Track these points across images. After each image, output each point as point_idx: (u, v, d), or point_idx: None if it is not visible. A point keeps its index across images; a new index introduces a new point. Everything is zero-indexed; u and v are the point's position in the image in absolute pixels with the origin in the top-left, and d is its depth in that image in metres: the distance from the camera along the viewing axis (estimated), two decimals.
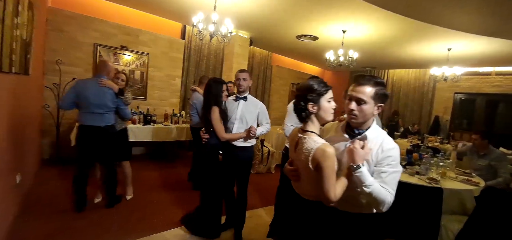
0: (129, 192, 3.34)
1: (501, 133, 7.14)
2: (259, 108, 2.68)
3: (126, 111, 3.09)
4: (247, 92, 2.68)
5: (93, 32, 4.65)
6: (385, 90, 1.31)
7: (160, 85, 5.63)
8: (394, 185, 1.27)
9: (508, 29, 4.22)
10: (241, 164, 2.66)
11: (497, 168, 3.17)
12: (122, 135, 3.21)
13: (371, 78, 1.31)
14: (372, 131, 1.34)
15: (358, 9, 4.08)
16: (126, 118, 3.18)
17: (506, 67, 7.10)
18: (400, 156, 1.30)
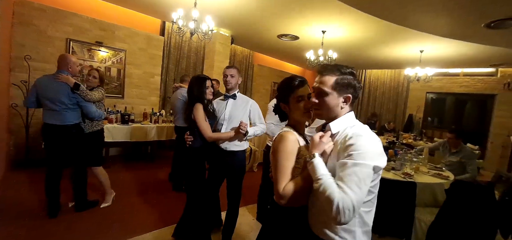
0: (106, 199, 3.10)
1: (468, 130, 7.65)
2: (250, 105, 2.43)
3: (89, 108, 2.76)
4: (236, 90, 2.46)
5: (66, 26, 4.40)
6: (349, 78, 1.07)
7: (138, 83, 5.45)
8: (353, 182, 0.90)
9: (473, 34, 4.52)
10: (231, 171, 2.43)
11: (466, 164, 3.39)
12: (92, 137, 2.92)
13: (334, 66, 1.10)
14: (339, 122, 1.09)
15: (336, 10, 4.19)
16: (91, 117, 2.83)
17: (473, 69, 7.59)
18: (372, 148, 0.97)
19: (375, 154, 0.96)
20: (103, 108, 3.01)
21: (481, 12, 3.68)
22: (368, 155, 0.94)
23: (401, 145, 3.79)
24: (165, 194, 3.61)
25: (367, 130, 1.03)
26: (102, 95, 2.90)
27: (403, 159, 3.02)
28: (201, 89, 2.28)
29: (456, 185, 2.34)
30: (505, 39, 4.65)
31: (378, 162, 0.96)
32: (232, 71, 2.40)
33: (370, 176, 0.94)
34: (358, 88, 1.10)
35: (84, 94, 2.70)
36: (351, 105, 1.12)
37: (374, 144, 0.98)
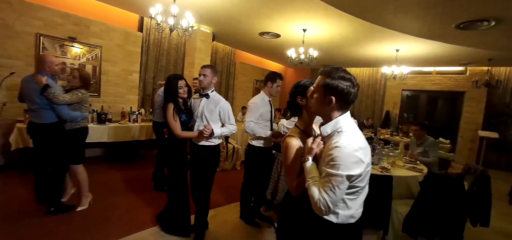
0: (83, 202, 2.96)
1: (439, 126, 8.09)
2: (219, 106, 2.48)
3: (60, 111, 2.68)
4: (210, 89, 2.51)
5: (35, 20, 4.14)
6: (338, 83, 1.12)
7: (116, 81, 5.24)
8: (328, 188, 1.07)
9: (444, 34, 4.76)
10: (200, 163, 2.50)
11: (429, 152, 3.60)
12: (73, 135, 2.85)
13: (331, 70, 1.17)
14: (329, 125, 1.18)
15: (316, 9, 4.25)
16: (63, 120, 2.75)
17: (444, 67, 8.01)
18: (347, 160, 1.07)
19: (349, 164, 1.07)
20: (84, 109, 2.89)
21: (452, 14, 3.88)
22: (342, 166, 1.06)
23: (379, 140, 3.93)
24: (146, 195, 3.51)
25: (349, 139, 1.10)
26: (77, 97, 2.74)
27: (381, 154, 3.13)
28: (174, 89, 2.43)
29: (429, 178, 2.46)
30: (473, 40, 4.94)
31: (351, 171, 1.07)
32: (205, 71, 2.45)
33: (343, 182, 1.08)
34: (348, 94, 1.14)
35: (51, 97, 2.57)
36: (340, 109, 1.18)
37: (350, 155, 1.07)
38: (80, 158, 2.93)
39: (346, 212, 1.19)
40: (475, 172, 3.07)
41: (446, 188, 2.33)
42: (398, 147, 3.81)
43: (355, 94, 1.16)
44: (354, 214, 1.22)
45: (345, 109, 1.19)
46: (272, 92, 2.87)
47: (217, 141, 2.56)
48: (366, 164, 1.13)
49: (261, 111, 2.76)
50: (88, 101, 2.98)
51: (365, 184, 1.20)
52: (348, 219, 1.20)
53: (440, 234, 2.39)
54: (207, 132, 2.33)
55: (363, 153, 1.10)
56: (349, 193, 1.16)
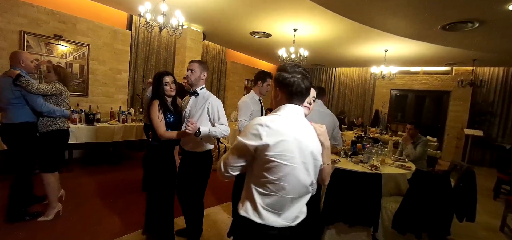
0: (48, 212, 2.67)
1: (427, 124, 8.28)
2: (208, 103, 2.21)
3: (34, 100, 2.48)
4: (199, 86, 2.27)
5: (19, 17, 4.01)
6: (278, 74, 1.17)
7: (104, 80, 5.13)
8: (229, 151, 1.20)
9: (431, 35, 4.88)
10: (190, 170, 2.29)
11: (417, 146, 3.69)
12: (48, 138, 2.61)
13: (280, 66, 1.21)
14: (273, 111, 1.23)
15: (307, 9, 4.28)
16: (39, 111, 2.54)
17: (431, 67, 8.20)
18: (251, 128, 1.10)
19: (247, 133, 1.10)
20: (64, 105, 2.70)
21: (438, 15, 3.98)
22: (242, 134, 1.12)
23: (368, 139, 3.98)
24: (134, 197, 3.45)
25: (265, 118, 1.11)
26: (55, 88, 2.58)
27: (370, 152, 3.17)
28: (159, 85, 2.23)
29: (417, 175, 2.51)
30: (458, 41, 5.08)
31: (246, 140, 1.08)
32: (193, 66, 2.24)
33: (239, 149, 1.12)
34: (289, 85, 1.14)
35: (25, 84, 2.40)
36: (287, 101, 1.16)
37: (252, 126, 1.10)
38: (53, 165, 2.66)
39: (253, 205, 1.13)
40: (461, 169, 3.16)
41: (433, 185, 2.39)
42: (387, 145, 3.87)
43: (299, 86, 1.13)
44: (267, 216, 1.12)
45: (292, 100, 1.16)
46: (262, 91, 2.85)
47: (208, 146, 2.30)
48: (266, 144, 1.05)
49: (252, 110, 2.74)
50: (68, 98, 2.77)
51: (282, 182, 1.09)
52: (256, 217, 1.12)
53: (428, 230, 2.45)
54: (190, 128, 1.99)
55: (267, 131, 1.05)
56: (259, 183, 1.11)
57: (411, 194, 2.42)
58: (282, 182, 1.08)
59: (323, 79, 10.42)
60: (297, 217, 1.17)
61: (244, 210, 1.16)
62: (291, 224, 1.15)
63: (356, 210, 2.51)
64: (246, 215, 1.15)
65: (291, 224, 1.15)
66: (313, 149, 1.15)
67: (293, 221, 1.16)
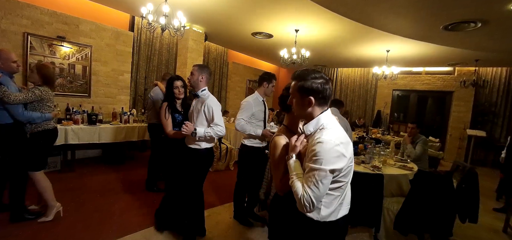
0: (47, 213, 2.65)
1: (429, 124, 8.25)
2: (204, 105, 2.32)
3: (13, 110, 2.45)
4: (201, 88, 2.38)
5: (22, 19, 4.04)
6: (312, 83, 1.17)
7: (106, 81, 5.16)
8: (312, 183, 1.09)
9: (433, 35, 4.86)
10: (188, 166, 2.41)
11: (417, 145, 3.68)
12: (33, 139, 2.57)
13: (302, 73, 1.22)
14: (311, 124, 1.21)
15: (308, 10, 4.28)
16: (19, 120, 2.50)
17: (433, 67, 8.17)
18: (329, 155, 1.09)
19: (331, 159, 1.09)
20: (46, 109, 2.59)
21: (440, 16, 3.97)
22: (324, 161, 1.09)
23: (370, 140, 3.98)
24: (136, 196, 3.46)
25: (330, 135, 1.12)
26: (34, 96, 2.47)
27: (372, 153, 3.17)
28: (169, 89, 2.56)
29: (419, 176, 2.51)
30: (460, 41, 5.06)
31: (334, 165, 1.10)
32: (192, 69, 2.37)
33: (326, 177, 1.10)
34: (323, 90, 1.17)
35: (1, 95, 2.32)
36: (319, 106, 1.20)
37: (332, 150, 1.10)
38: (38, 164, 2.61)
39: (329, 209, 1.20)
40: (463, 169, 3.14)
41: (435, 185, 2.38)
42: (389, 146, 3.87)
43: (330, 89, 1.20)
44: (338, 211, 1.23)
45: (324, 106, 1.21)
46: (267, 92, 2.88)
47: (205, 145, 2.39)
48: (348, 159, 1.15)
49: (254, 110, 2.77)
50: (51, 100, 2.65)
51: (348, 179, 1.22)
52: (330, 216, 1.20)
53: (430, 231, 2.44)
54: (185, 129, 2.21)
55: (344, 147, 1.12)
56: (333, 189, 1.17)
57: (413, 194, 2.41)
58: (347, 177, 1.22)
59: None
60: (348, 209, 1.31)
61: (321, 217, 1.22)
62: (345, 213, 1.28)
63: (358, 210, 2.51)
64: (327, 219, 1.22)
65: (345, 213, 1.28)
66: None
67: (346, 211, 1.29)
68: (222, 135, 2.34)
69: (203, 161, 2.43)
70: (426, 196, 2.36)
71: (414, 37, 5.13)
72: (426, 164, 3.71)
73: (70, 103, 4.43)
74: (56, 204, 2.70)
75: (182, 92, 2.57)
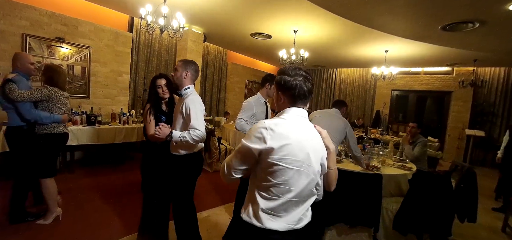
0: (47, 217, 2.63)
1: (428, 125, 8.27)
2: (183, 105, 2.02)
3: (21, 108, 2.46)
4: (184, 86, 2.08)
5: (21, 20, 4.04)
6: (279, 78, 1.17)
7: (105, 82, 5.16)
8: (232, 153, 1.21)
9: (431, 35, 4.88)
10: (168, 174, 2.17)
11: (416, 146, 3.67)
12: (41, 141, 2.54)
13: (281, 70, 1.22)
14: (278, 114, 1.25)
15: (307, 10, 4.29)
16: (26, 119, 2.50)
17: (432, 68, 8.19)
18: (255, 131, 1.10)
19: (251, 136, 1.09)
20: (56, 110, 2.59)
21: (438, 16, 3.98)
22: (246, 136, 1.12)
23: (369, 140, 3.98)
24: (135, 198, 3.45)
25: (270, 121, 1.11)
26: (41, 94, 2.47)
27: (371, 153, 3.18)
28: (152, 89, 2.37)
29: (418, 176, 2.51)
30: (458, 41, 5.07)
31: (250, 143, 1.08)
32: (176, 65, 2.09)
33: (242, 152, 1.11)
34: (291, 88, 1.13)
35: (7, 92, 2.37)
36: (291, 104, 1.16)
37: (256, 129, 1.10)
38: (48, 170, 2.58)
39: (255, 209, 1.11)
40: (462, 169, 3.15)
41: (434, 185, 2.39)
42: (388, 146, 3.87)
43: (301, 88, 1.13)
44: (268, 221, 1.10)
45: (296, 103, 1.15)
46: (270, 93, 2.85)
47: (184, 151, 2.08)
48: (271, 148, 1.05)
49: (255, 111, 2.77)
50: (63, 102, 2.64)
51: (286, 185, 1.07)
52: (258, 222, 1.10)
53: (429, 230, 2.45)
54: (158, 132, 1.93)
55: (271, 134, 1.05)
56: (262, 187, 1.10)
57: (412, 194, 2.42)
58: (286, 185, 1.07)
59: (323, 80, 10.42)
60: (300, 219, 1.14)
61: (247, 215, 1.14)
62: (295, 227, 1.12)
63: (357, 210, 2.51)
64: (248, 220, 1.13)
65: (295, 227, 1.12)
66: (318, 153, 1.14)
67: (296, 224, 1.13)
68: (198, 140, 1.99)
69: (183, 169, 2.12)
70: (425, 196, 2.37)
71: (412, 37, 5.14)
72: (425, 165, 3.71)
73: (70, 104, 4.42)
74: (57, 209, 2.71)
75: (167, 92, 2.34)
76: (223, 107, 8.27)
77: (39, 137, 2.53)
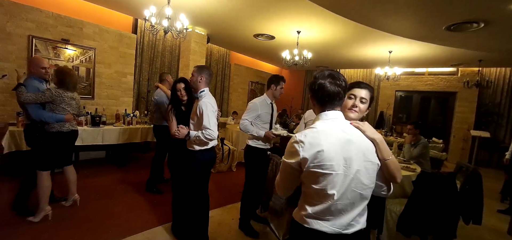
0: (37, 214, 2.68)
1: (432, 125, 8.20)
2: (198, 106, 2.30)
3: (29, 110, 2.65)
4: (200, 89, 2.36)
5: (27, 22, 4.09)
6: (311, 82, 1.21)
7: (110, 83, 5.20)
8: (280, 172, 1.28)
9: (435, 36, 4.85)
10: (186, 168, 2.45)
11: (417, 147, 3.66)
12: (47, 138, 2.72)
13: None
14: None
15: (310, 11, 4.29)
16: (32, 118, 2.67)
17: (436, 68, 8.14)
18: (290, 147, 1.15)
19: (287, 152, 1.16)
20: (60, 110, 2.72)
21: (442, 16, 3.95)
22: (285, 153, 1.18)
23: None
24: (138, 198, 3.48)
25: (302, 134, 1.12)
26: (44, 97, 2.62)
27: None
28: (173, 92, 2.63)
29: (422, 177, 2.49)
30: (463, 41, 5.03)
31: (287, 158, 1.15)
32: (193, 71, 2.39)
33: (285, 169, 1.18)
34: (317, 90, 1.14)
35: (18, 95, 2.57)
36: (318, 106, 1.18)
37: (291, 145, 1.15)
38: (45, 164, 2.70)
39: (303, 211, 1.15)
40: (466, 170, 3.12)
41: (438, 186, 2.37)
42: (392, 147, 3.85)
43: (325, 90, 1.12)
44: (314, 223, 1.13)
45: (325, 106, 1.16)
46: (276, 94, 2.82)
47: (199, 147, 2.34)
48: (304, 158, 1.08)
49: (260, 112, 2.74)
50: (65, 102, 2.75)
51: (327, 190, 1.08)
52: (305, 223, 1.14)
53: (433, 232, 2.43)
54: (177, 133, 2.29)
55: (303, 147, 1.08)
56: (307, 194, 1.15)
57: (416, 196, 2.40)
58: (328, 190, 1.07)
59: None
60: (350, 225, 1.12)
61: (298, 217, 1.19)
62: (343, 231, 1.11)
63: None
64: (298, 220, 1.19)
65: (343, 231, 1.11)
66: (362, 150, 1.12)
67: (345, 229, 1.11)
68: (211, 138, 2.28)
69: (198, 164, 2.37)
70: (429, 197, 2.35)
71: (416, 38, 5.11)
72: (428, 165, 3.68)
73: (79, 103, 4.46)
74: (47, 207, 2.73)
75: (185, 94, 2.58)
76: (226, 108, 8.29)
77: (48, 134, 2.72)
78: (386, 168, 1.17)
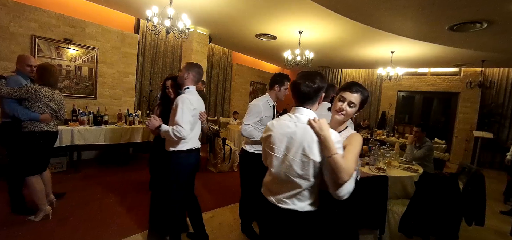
0: (37, 214, 2.67)
1: (434, 126, 8.17)
2: (175, 102, 2.13)
3: (4, 103, 2.56)
4: (185, 86, 2.22)
5: (30, 22, 4.11)
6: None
7: (112, 83, 5.22)
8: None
9: (438, 36, 4.82)
10: (164, 169, 2.25)
11: (422, 149, 3.63)
12: (25, 138, 2.58)
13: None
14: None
15: (312, 11, 4.28)
16: (5, 112, 2.58)
17: (439, 68, 8.10)
18: None
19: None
20: (36, 108, 2.60)
21: (445, 16, 3.93)
22: None
23: (375, 141, 3.96)
24: (140, 197, 3.49)
25: (273, 120, 1.45)
26: (19, 93, 2.51)
27: (376, 154, 3.15)
28: (162, 90, 2.54)
29: (424, 178, 2.48)
30: (466, 41, 5.00)
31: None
32: (182, 66, 2.31)
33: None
34: (292, 89, 1.38)
35: None
36: (295, 101, 1.37)
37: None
38: (31, 168, 2.61)
39: (264, 181, 1.50)
40: (469, 171, 3.10)
41: (440, 187, 2.36)
42: (394, 148, 3.84)
43: (298, 90, 1.31)
44: (264, 190, 1.50)
45: (297, 102, 1.36)
46: (280, 96, 2.54)
47: (172, 147, 2.15)
48: (261, 138, 1.48)
49: (262, 116, 2.45)
50: (41, 101, 2.61)
51: (270, 167, 1.42)
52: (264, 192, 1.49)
53: (435, 233, 2.42)
54: (147, 122, 2.10)
55: (262, 129, 1.38)
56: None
57: (418, 196, 2.39)
58: (270, 167, 1.40)
59: (328, 81, 10.37)
60: (282, 201, 1.34)
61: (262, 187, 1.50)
62: (277, 204, 1.35)
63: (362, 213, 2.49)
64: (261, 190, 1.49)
65: (277, 204, 1.35)
66: (302, 145, 1.25)
67: (278, 202, 1.35)
68: (181, 138, 2.04)
69: (174, 169, 2.17)
70: (431, 198, 2.34)
71: (419, 38, 5.09)
72: (431, 166, 3.66)
73: (76, 104, 4.49)
74: (46, 207, 2.71)
75: (173, 92, 2.42)
76: (228, 108, 8.30)
77: (21, 134, 2.58)
78: (329, 165, 1.21)
